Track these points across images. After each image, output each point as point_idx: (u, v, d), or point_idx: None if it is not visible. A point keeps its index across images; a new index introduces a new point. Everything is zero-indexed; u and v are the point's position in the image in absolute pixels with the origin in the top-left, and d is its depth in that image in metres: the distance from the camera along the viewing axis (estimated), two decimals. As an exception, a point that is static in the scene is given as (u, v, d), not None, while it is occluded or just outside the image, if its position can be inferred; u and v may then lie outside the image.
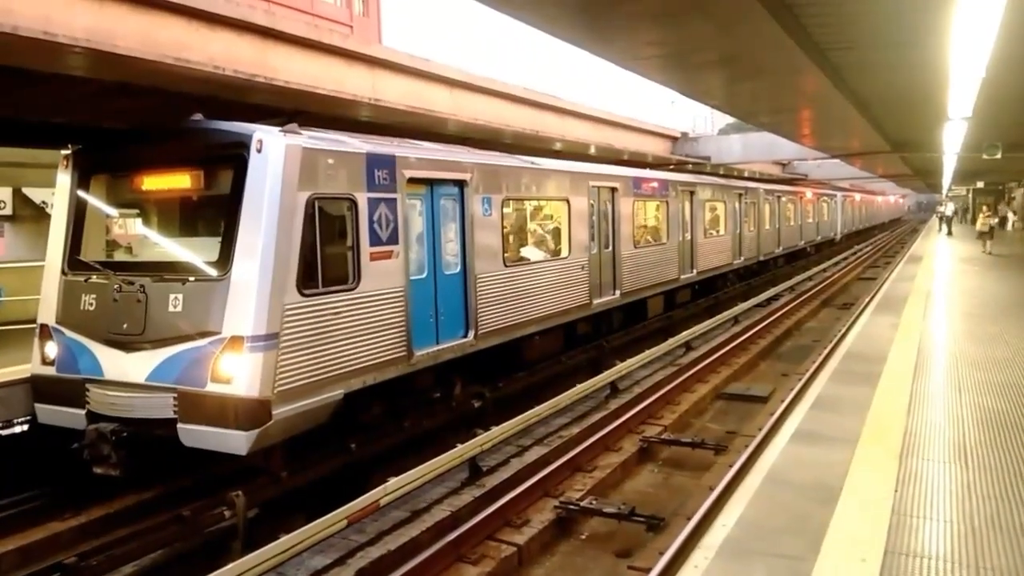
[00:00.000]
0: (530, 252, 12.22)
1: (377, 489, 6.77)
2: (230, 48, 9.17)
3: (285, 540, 5.84)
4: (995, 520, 5.05)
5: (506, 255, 10.82)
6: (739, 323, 17.38)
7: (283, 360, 6.99)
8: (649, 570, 6.05)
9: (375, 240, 8.15)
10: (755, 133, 24.59)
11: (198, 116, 8.09)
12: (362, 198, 8.03)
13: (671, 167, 24.51)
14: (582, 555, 6.98)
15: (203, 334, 6.96)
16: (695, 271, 18.56)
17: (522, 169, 11.62)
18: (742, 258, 22.73)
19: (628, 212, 14.78)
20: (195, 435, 6.90)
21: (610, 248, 14.04)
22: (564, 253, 12.58)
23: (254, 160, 7.13)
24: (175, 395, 6.96)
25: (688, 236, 18.17)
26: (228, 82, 9.18)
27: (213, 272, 7.19)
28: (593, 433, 9.27)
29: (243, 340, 6.78)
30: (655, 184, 16.50)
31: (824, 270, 29.54)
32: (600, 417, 10.03)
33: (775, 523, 5.04)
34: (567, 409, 10.25)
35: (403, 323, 8.50)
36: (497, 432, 8.55)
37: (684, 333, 14.69)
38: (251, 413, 6.73)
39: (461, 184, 9.83)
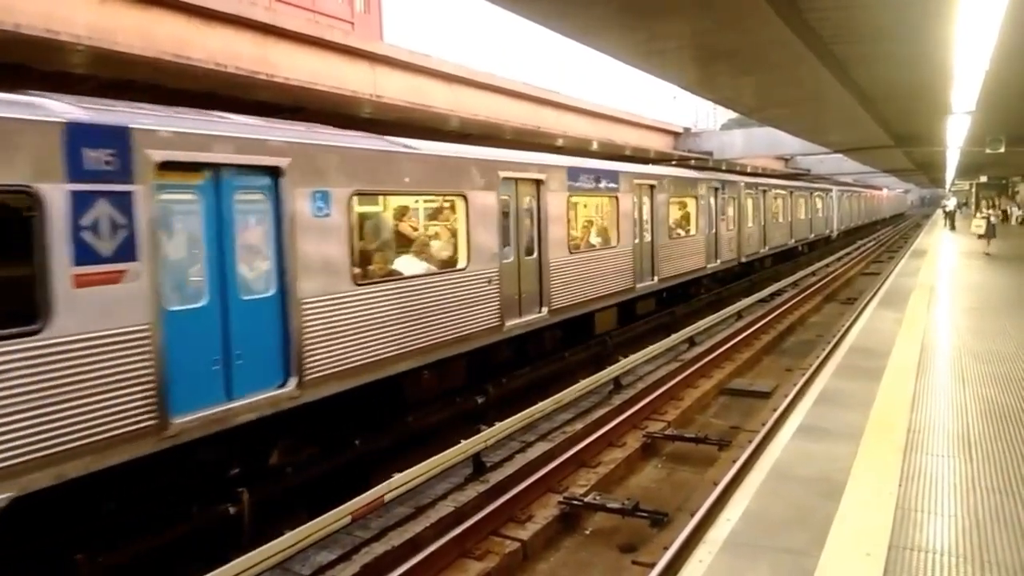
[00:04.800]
0: (404, 264, 9.43)
1: (381, 485, 6.78)
2: (230, 44, 9.18)
3: (290, 536, 5.85)
4: (999, 514, 5.04)
5: (356, 270, 8.16)
6: (742, 318, 17.36)
7: None
8: (653, 565, 6.05)
9: (86, 255, 5.58)
10: (757, 128, 24.52)
11: None
12: (56, 192, 5.42)
13: (673, 162, 24.49)
14: (586, 550, 6.99)
15: None
16: (656, 278, 15.91)
17: (385, 154, 8.81)
18: (718, 261, 20.17)
19: (560, 211, 12.16)
20: None
21: (534, 255, 11.57)
22: (460, 263, 9.91)
23: None
24: None
25: (647, 238, 15.60)
26: (227, 79, 9.19)
27: None
28: (597, 429, 9.26)
29: None
30: (600, 176, 13.73)
31: (827, 265, 29.51)
32: (604, 413, 10.02)
33: (779, 518, 5.03)
34: (570, 405, 10.24)
35: (149, 376, 5.93)
36: (501, 428, 8.55)
37: (687, 329, 14.67)
38: None
39: (273, 172, 7.15)
